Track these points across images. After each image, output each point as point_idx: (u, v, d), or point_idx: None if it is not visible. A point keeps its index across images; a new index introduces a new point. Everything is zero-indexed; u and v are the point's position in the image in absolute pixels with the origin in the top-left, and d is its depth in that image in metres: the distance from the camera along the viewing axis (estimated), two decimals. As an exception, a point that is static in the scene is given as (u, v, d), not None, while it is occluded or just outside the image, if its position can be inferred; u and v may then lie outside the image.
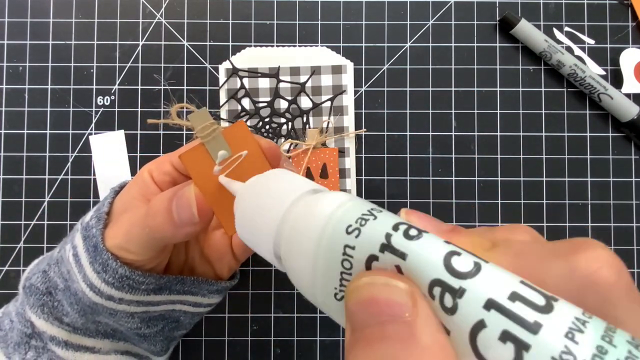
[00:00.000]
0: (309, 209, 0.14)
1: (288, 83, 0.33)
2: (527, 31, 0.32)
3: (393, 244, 0.11)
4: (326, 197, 0.14)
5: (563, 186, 0.33)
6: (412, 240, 0.11)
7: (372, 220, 0.12)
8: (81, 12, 0.33)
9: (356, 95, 0.33)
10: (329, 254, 0.12)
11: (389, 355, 0.11)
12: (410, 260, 0.11)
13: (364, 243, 0.12)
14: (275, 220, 0.15)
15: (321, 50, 0.33)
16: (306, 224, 0.14)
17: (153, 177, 0.24)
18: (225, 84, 0.33)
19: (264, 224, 0.15)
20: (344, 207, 0.13)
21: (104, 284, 0.21)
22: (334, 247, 0.12)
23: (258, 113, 0.33)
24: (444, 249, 0.11)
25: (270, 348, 0.32)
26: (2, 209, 0.32)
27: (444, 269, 0.11)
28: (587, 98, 0.33)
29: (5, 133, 0.33)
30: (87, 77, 0.33)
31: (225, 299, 0.32)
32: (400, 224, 0.12)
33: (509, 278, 0.10)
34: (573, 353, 0.09)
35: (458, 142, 0.33)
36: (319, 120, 0.33)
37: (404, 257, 0.11)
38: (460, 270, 0.11)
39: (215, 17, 0.33)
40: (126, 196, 0.23)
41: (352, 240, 0.12)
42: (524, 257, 0.12)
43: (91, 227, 0.22)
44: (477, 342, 0.10)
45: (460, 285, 0.10)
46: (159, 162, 0.24)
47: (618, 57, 0.33)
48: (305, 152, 0.32)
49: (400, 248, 0.11)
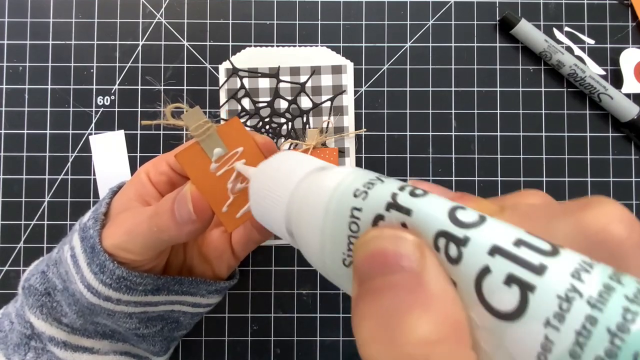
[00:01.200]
0: (317, 182, 0.14)
1: (288, 83, 0.33)
2: (527, 31, 0.32)
3: (399, 201, 0.11)
4: (334, 170, 0.14)
5: (563, 186, 0.33)
6: (417, 197, 0.11)
7: (380, 184, 0.12)
8: (81, 12, 0.33)
9: (356, 95, 0.33)
10: (337, 217, 0.13)
11: (397, 304, 0.10)
12: (415, 215, 0.11)
13: (370, 203, 0.12)
14: (286, 197, 0.15)
15: (321, 50, 0.33)
16: (314, 194, 0.14)
17: (150, 178, 0.24)
18: (226, 84, 0.33)
19: (276, 201, 0.16)
20: (352, 175, 0.13)
21: (101, 285, 0.21)
22: (342, 211, 0.12)
23: (258, 113, 0.33)
24: (449, 204, 0.11)
25: (270, 348, 0.32)
26: (2, 209, 0.32)
27: (448, 221, 0.11)
28: (587, 98, 0.33)
29: (5, 133, 0.33)
30: (87, 77, 0.33)
31: (225, 299, 0.32)
32: (407, 186, 0.12)
33: (514, 228, 0.10)
34: (579, 290, 0.09)
35: (458, 142, 0.33)
36: (319, 120, 0.33)
37: (410, 214, 0.11)
38: (465, 221, 0.10)
39: (215, 17, 0.33)
40: (123, 197, 0.23)
41: (360, 202, 0.12)
42: (532, 218, 0.12)
43: (89, 228, 0.22)
44: (483, 289, 0.10)
45: (465, 234, 0.10)
46: (156, 163, 0.24)
47: (618, 57, 0.33)
48: (305, 152, 0.32)
49: (405, 205, 0.11)
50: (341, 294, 0.32)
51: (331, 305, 0.32)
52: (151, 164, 0.24)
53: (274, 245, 0.32)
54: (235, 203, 0.21)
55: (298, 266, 0.32)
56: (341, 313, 0.32)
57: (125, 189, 0.24)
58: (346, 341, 0.32)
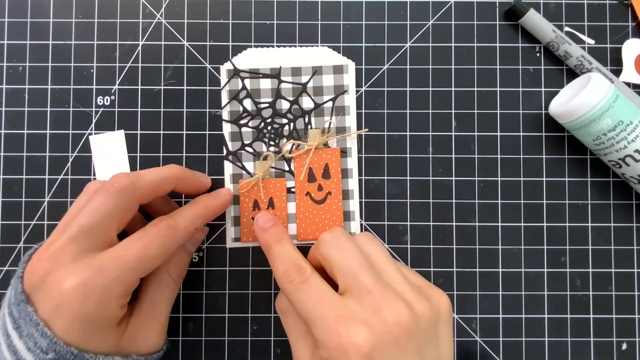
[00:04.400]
0: None
1: (289, 83, 0.33)
2: (536, 21, 0.32)
3: None
4: None
5: (563, 186, 0.33)
6: None
7: None
8: (81, 12, 0.33)
9: (356, 95, 0.33)
10: None
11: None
12: None
13: None
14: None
15: (322, 50, 0.33)
16: None
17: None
18: (227, 84, 0.33)
19: None
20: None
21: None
22: None
23: (260, 114, 0.33)
24: None
25: (270, 348, 0.32)
26: (2, 209, 0.32)
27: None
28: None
29: (5, 133, 0.32)
30: (87, 77, 0.33)
31: (226, 299, 0.32)
32: None
33: None
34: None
35: (458, 142, 0.33)
36: (321, 120, 0.33)
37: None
38: None
39: (215, 17, 0.33)
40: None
41: None
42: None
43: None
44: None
45: None
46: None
47: (618, 57, 0.33)
48: (307, 153, 0.32)
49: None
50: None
51: (331, 305, 0.32)
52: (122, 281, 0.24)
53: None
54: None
55: (298, 266, 0.32)
56: (341, 313, 0.32)
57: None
58: (346, 341, 0.32)
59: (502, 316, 0.32)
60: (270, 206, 0.32)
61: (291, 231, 0.32)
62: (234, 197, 0.32)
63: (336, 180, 0.32)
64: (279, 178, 0.32)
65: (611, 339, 0.32)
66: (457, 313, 0.32)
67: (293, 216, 0.32)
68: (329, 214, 0.32)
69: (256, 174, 0.32)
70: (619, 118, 0.28)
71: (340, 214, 0.32)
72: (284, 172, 0.32)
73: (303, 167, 0.32)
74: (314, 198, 0.32)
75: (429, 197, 0.33)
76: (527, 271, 0.32)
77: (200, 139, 0.33)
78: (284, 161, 0.32)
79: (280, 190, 0.32)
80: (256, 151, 0.32)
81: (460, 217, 0.32)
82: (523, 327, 0.32)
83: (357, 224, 0.32)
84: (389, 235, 0.32)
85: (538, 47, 0.33)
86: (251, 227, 0.32)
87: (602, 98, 0.28)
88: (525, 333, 0.32)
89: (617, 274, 0.32)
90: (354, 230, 0.32)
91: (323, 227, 0.32)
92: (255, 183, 0.32)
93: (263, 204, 0.32)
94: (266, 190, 0.32)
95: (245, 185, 0.32)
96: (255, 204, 0.32)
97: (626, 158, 0.29)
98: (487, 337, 0.32)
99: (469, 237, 0.32)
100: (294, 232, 0.32)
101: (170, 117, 0.33)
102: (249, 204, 0.32)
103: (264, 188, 0.32)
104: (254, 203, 0.32)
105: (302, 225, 0.32)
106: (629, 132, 0.28)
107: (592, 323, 0.32)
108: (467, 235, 0.32)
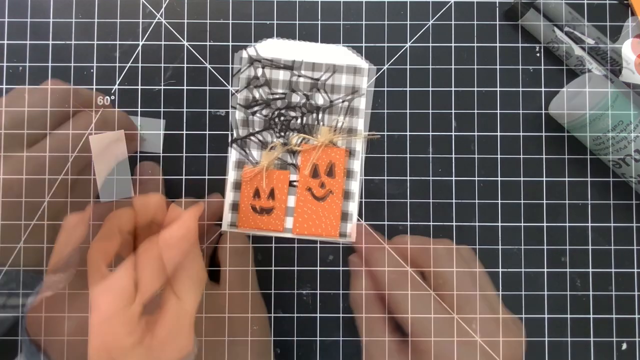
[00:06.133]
0: None
1: (305, 78, 0.33)
2: (536, 21, 0.32)
3: None
4: None
5: (563, 186, 0.33)
6: None
7: None
8: (81, 12, 0.33)
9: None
10: None
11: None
12: None
13: None
14: None
15: (341, 49, 0.33)
16: None
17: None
18: (246, 70, 0.33)
19: None
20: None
21: None
22: None
23: (272, 104, 0.33)
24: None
25: (270, 348, 0.32)
26: (2, 209, 0.32)
27: None
28: (587, 98, 0.33)
29: (5, 133, 0.32)
30: (87, 77, 0.33)
31: (226, 299, 0.32)
32: None
33: None
34: None
35: (458, 142, 0.33)
36: (332, 118, 0.33)
37: None
38: None
39: (215, 17, 0.33)
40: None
41: None
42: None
43: None
44: None
45: None
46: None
47: (618, 58, 0.33)
48: (315, 148, 0.32)
49: None
50: (341, 294, 0.32)
51: (331, 305, 0.32)
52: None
53: (274, 246, 0.32)
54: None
55: (298, 266, 0.32)
56: (341, 313, 0.32)
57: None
58: (346, 341, 0.32)
59: (501, 316, 0.32)
60: (271, 197, 0.32)
61: (287, 224, 0.32)
62: (235, 183, 0.32)
63: (339, 180, 0.32)
64: (283, 170, 0.32)
65: (611, 339, 0.32)
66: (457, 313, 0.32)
67: (291, 210, 0.32)
68: (327, 212, 0.32)
69: (261, 163, 0.32)
70: (618, 118, 0.28)
71: (339, 214, 0.32)
72: (287, 165, 0.32)
73: (309, 161, 0.32)
74: (314, 194, 0.32)
75: (429, 197, 0.33)
76: (527, 271, 0.32)
77: (200, 139, 0.33)
78: (290, 154, 0.33)
79: (283, 183, 0.32)
80: (264, 140, 0.33)
81: (460, 217, 0.32)
82: (523, 327, 0.32)
83: (353, 225, 0.32)
84: (389, 235, 0.32)
85: (538, 47, 0.33)
86: (249, 215, 0.32)
87: (602, 98, 0.28)
88: (525, 333, 0.32)
89: (617, 274, 0.32)
90: (349, 231, 0.32)
91: (320, 224, 0.32)
92: (259, 172, 0.32)
93: (264, 193, 0.32)
94: (269, 180, 0.32)
95: (250, 172, 0.32)
96: (256, 193, 0.32)
97: (626, 158, 0.29)
98: (487, 337, 0.32)
99: (469, 237, 0.32)
100: (289, 226, 0.32)
101: (170, 117, 0.33)
102: (250, 191, 0.32)
103: (267, 178, 0.32)
104: (255, 191, 0.32)
105: (299, 220, 0.32)
106: (629, 132, 0.28)
107: (592, 323, 0.32)
108: (467, 235, 0.32)
